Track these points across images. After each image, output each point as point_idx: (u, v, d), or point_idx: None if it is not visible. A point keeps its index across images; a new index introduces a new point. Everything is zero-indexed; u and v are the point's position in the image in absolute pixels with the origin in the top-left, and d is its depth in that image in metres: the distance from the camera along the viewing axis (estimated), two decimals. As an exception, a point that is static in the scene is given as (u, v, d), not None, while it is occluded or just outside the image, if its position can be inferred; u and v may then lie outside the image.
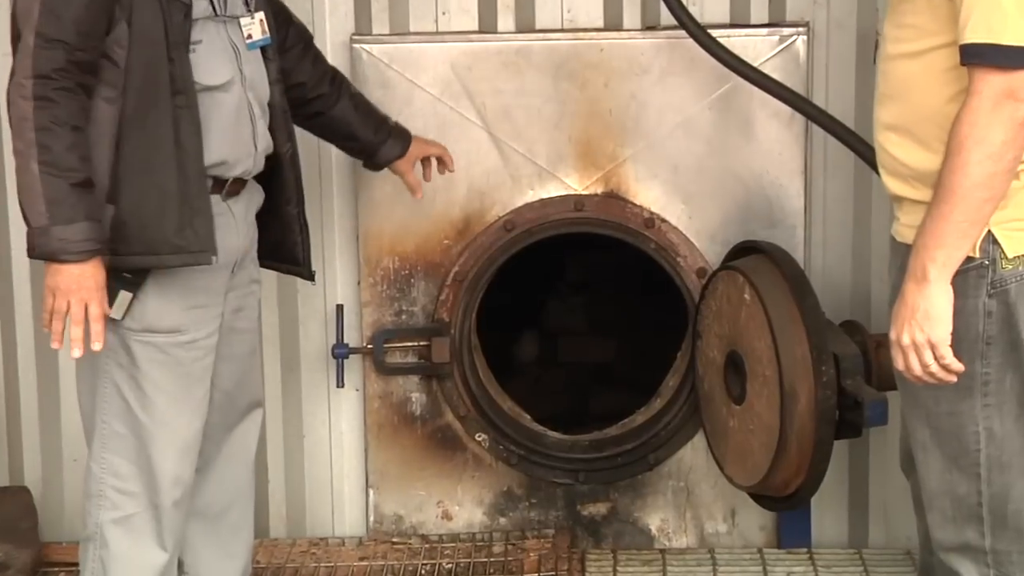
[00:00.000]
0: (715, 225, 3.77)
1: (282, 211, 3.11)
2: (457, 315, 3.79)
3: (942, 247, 2.42)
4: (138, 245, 2.74)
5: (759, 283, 3.36)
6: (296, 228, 3.14)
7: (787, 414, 3.23)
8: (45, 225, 2.61)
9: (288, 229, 3.13)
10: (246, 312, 3.10)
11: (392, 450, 3.87)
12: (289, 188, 3.10)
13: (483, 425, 3.86)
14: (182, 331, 2.87)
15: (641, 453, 3.87)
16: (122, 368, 2.86)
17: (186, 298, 2.87)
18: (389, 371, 3.81)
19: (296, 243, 3.15)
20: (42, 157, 2.60)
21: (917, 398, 2.61)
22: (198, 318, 2.90)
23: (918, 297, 2.43)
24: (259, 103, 2.96)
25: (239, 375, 3.12)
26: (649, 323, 4.81)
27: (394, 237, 3.78)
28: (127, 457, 2.90)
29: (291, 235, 3.14)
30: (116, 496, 2.91)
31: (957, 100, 2.43)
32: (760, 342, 3.32)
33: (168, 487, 2.92)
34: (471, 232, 3.78)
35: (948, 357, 2.44)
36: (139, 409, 2.87)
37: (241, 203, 2.96)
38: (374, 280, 3.80)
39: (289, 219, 3.12)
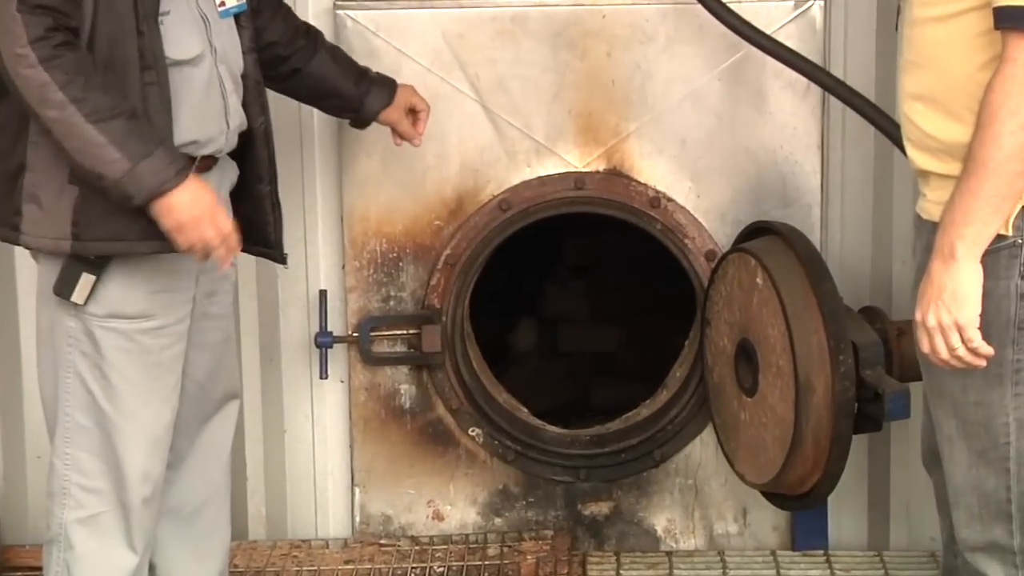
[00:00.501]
0: (725, 204, 3.76)
1: (253, 189, 3.09)
2: (449, 301, 3.78)
3: (971, 223, 2.40)
4: (104, 230, 2.73)
5: (772, 267, 3.36)
6: (268, 208, 3.12)
7: (802, 407, 3.23)
8: (129, 168, 2.60)
9: (259, 209, 3.11)
10: (220, 297, 3.08)
11: (379, 446, 3.87)
12: (261, 165, 3.08)
13: (477, 419, 3.85)
14: (149, 317, 2.85)
15: (646, 449, 3.87)
16: (86, 357, 2.85)
17: (154, 281, 2.85)
18: (376, 361, 3.80)
19: (268, 224, 3.13)
20: (84, 110, 2.57)
21: (943, 387, 2.60)
22: (167, 303, 2.88)
23: (945, 276, 2.42)
24: (231, 76, 2.94)
25: (213, 364, 3.10)
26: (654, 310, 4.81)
27: (381, 217, 3.77)
28: (92, 452, 2.89)
29: (262, 215, 3.11)
30: (81, 494, 2.90)
31: (989, 67, 2.41)
32: (773, 330, 3.32)
33: (136, 484, 2.91)
34: (464, 212, 3.77)
35: (976, 340, 2.43)
36: (104, 401, 2.86)
37: (213, 180, 2.93)
38: (360, 264, 3.79)
39: (261, 198, 3.10)
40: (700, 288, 3.76)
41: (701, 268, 3.76)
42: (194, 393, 3.07)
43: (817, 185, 3.75)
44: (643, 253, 4.16)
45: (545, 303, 5.12)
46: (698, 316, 3.79)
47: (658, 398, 3.94)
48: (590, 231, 4.85)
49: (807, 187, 3.74)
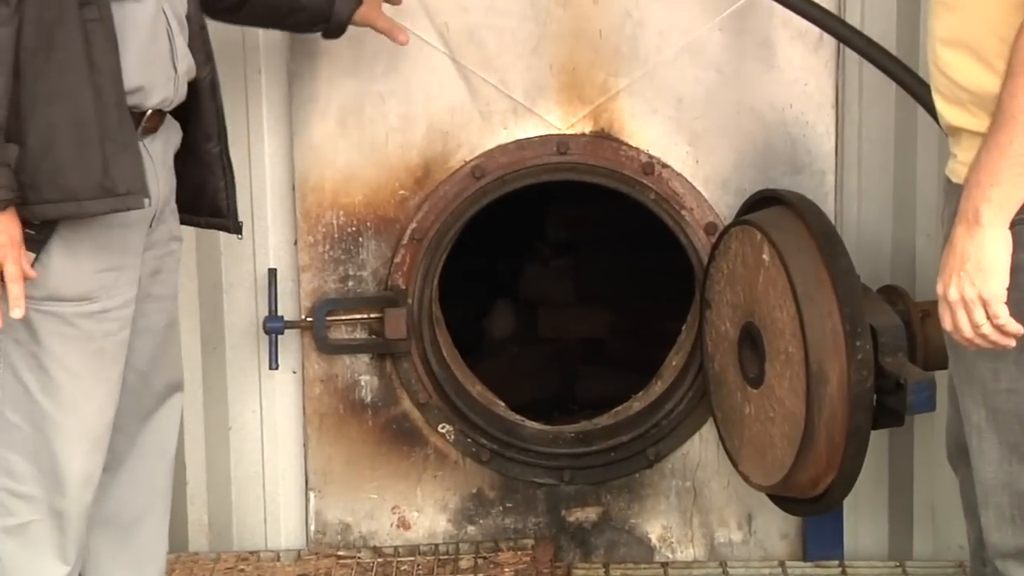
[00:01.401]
0: (727, 171, 3.77)
1: (201, 150, 3.08)
2: (416, 281, 3.77)
3: (998, 184, 2.40)
4: (51, 191, 2.70)
5: (780, 241, 3.36)
6: (219, 171, 3.12)
7: (814, 399, 3.24)
8: None
9: (209, 172, 3.10)
10: (164, 276, 3.08)
11: (337, 445, 3.87)
12: (209, 122, 3.08)
13: (447, 414, 3.86)
14: (93, 299, 2.84)
15: (638, 447, 3.88)
16: (19, 345, 2.83)
17: (98, 258, 2.83)
18: (333, 349, 3.80)
19: (219, 189, 3.12)
20: None
21: (972, 372, 2.60)
22: (112, 283, 2.87)
23: (969, 244, 2.41)
24: (176, 17, 2.93)
25: (156, 352, 3.09)
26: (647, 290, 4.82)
27: (338, 186, 3.76)
28: (24, 453, 2.87)
29: (213, 179, 3.11)
30: (10, 500, 2.88)
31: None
32: (782, 312, 3.32)
33: (76, 489, 2.90)
34: (432, 181, 3.76)
35: (1003, 316, 2.42)
36: (41, 394, 2.84)
37: (159, 142, 2.93)
38: (314, 239, 3.78)
39: (210, 159, 3.10)
40: (699, 266, 3.75)
41: (700, 243, 3.76)
42: (135, 385, 3.05)
43: (831, 148, 3.75)
44: (635, 227, 4.16)
45: (524, 284, 5.12)
46: (697, 297, 3.79)
47: (652, 390, 3.94)
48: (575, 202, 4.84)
49: (819, 151, 3.75)
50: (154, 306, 3.05)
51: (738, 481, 3.68)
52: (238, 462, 3.93)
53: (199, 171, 3.09)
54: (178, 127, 3.04)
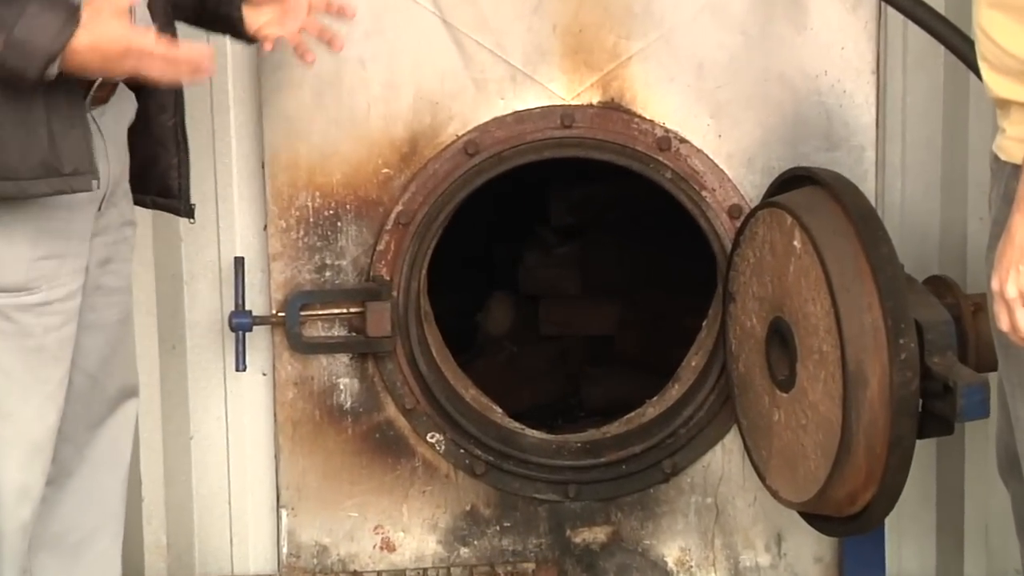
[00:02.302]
0: (754, 146, 3.76)
1: (154, 122, 3.09)
2: (401, 272, 3.77)
3: None
4: None
5: (814, 225, 3.36)
6: (172, 147, 3.13)
7: (852, 404, 3.23)
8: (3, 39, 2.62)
9: (161, 147, 3.11)
10: (116, 265, 3.08)
11: (313, 456, 3.87)
12: (163, 92, 3.08)
13: (437, 422, 3.86)
14: (31, 289, 2.84)
15: (653, 459, 3.88)
16: None
17: (38, 244, 2.83)
18: (308, 348, 3.80)
19: (170, 166, 3.14)
20: None
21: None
22: (53, 272, 2.87)
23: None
24: None
25: (107, 351, 3.09)
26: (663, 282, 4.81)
27: (314, 164, 3.75)
28: None
29: (165, 155, 3.12)
30: None
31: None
32: (815, 306, 3.32)
33: (11, 504, 2.90)
34: (420, 158, 3.76)
35: None
36: None
37: (110, 115, 2.93)
38: (286, 224, 3.78)
39: (163, 133, 3.11)
40: (722, 254, 3.76)
41: (723, 228, 3.76)
42: (83, 388, 3.05)
43: (871, 121, 3.75)
44: (649, 210, 4.16)
45: (524, 274, 5.12)
46: (719, 290, 3.79)
47: (668, 394, 3.94)
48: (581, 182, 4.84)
49: (858, 124, 3.74)
50: (104, 299, 3.05)
51: (766, 497, 3.68)
52: (201, 476, 3.92)
53: (150, 145, 3.10)
54: (132, 98, 3.04)
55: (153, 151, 3.10)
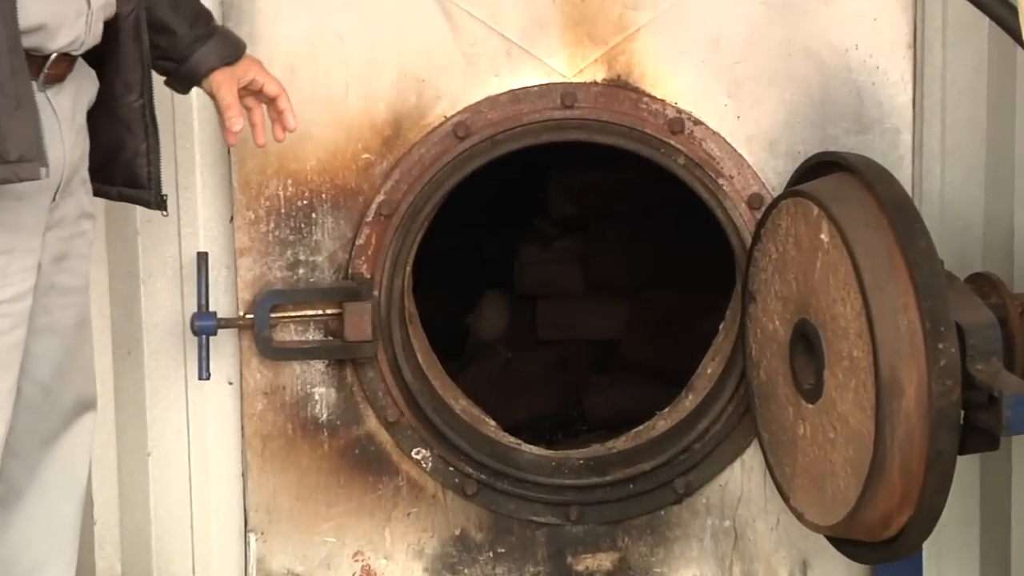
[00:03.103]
0: (776, 128, 3.77)
1: (118, 103, 3.09)
2: (383, 269, 3.77)
3: None
4: None
5: (843, 217, 3.36)
6: (139, 130, 3.12)
7: (886, 415, 3.24)
8: None
9: (127, 130, 3.11)
10: (73, 263, 3.08)
11: (285, 475, 3.87)
12: (131, 68, 3.08)
13: (423, 436, 3.86)
14: None
15: (664, 477, 3.88)
16: None
17: None
18: (279, 354, 3.79)
19: (138, 152, 3.13)
20: None
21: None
22: (0, 270, 2.86)
23: None
24: None
25: (62, 358, 3.09)
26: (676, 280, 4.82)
27: (285, 149, 3.75)
28: None
29: (132, 140, 3.12)
30: None
31: None
32: (844, 307, 3.32)
33: None
34: (404, 141, 3.76)
35: None
36: None
37: (66, 95, 2.93)
38: (255, 215, 3.78)
39: (129, 115, 3.11)
40: (741, 249, 3.76)
41: (742, 220, 3.76)
42: (35, 399, 3.05)
43: (907, 100, 3.76)
44: (659, 200, 4.16)
45: (520, 271, 5.12)
46: (738, 288, 3.79)
47: (681, 405, 3.95)
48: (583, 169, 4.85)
49: (892, 103, 3.75)
50: (59, 300, 3.05)
51: (790, 520, 3.68)
52: (160, 497, 3.92)
53: (115, 129, 3.09)
54: (94, 76, 3.04)
55: (118, 135, 3.09)
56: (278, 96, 3.37)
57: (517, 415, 4.18)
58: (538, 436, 4.06)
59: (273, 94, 3.36)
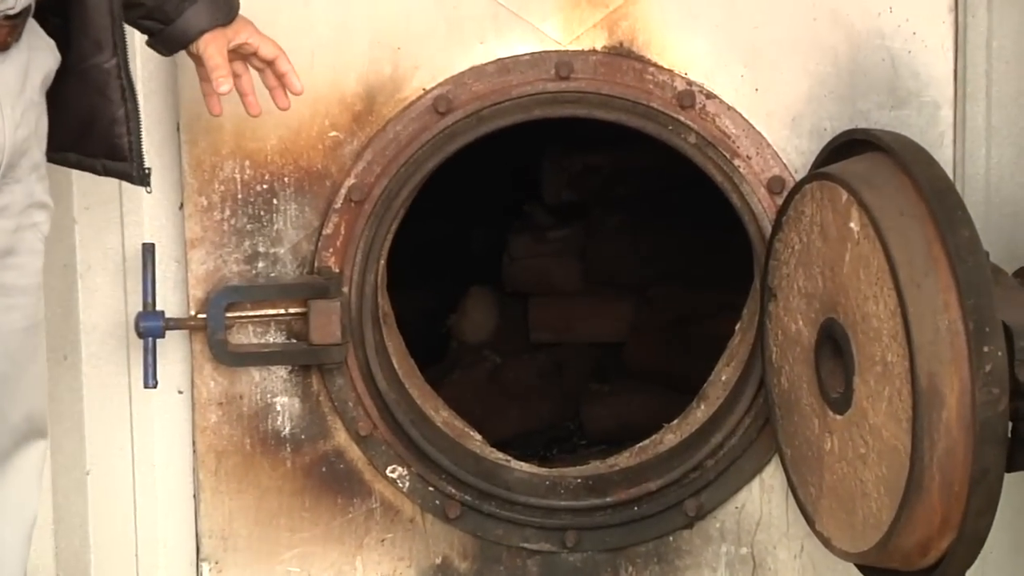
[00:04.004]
0: (799, 103, 3.77)
1: (88, 64, 3.08)
2: (354, 262, 3.77)
3: None
4: None
5: (875, 204, 3.36)
6: (116, 95, 3.12)
7: (924, 428, 3.24)
8: None
9: (100, 96, 3.11)
10: (21, 259, 3.07)
11: (243, 496, 3.87)
12: (99, 24, 3.08)
13: (400, 452, 3.86)
14: None
15: (673, 498, 3.89)
16: None
17: None
18: (236, 359, 3.79)
19: (115, 121, 3.14)
20: None
21: None
22: None
23: None
24: None
25: (8, 367, 3.08)
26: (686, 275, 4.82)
27: (243, 126, 3.75)
28: None
29: (107, 106, 3.12)
30: None
31: None
32: (877, 305, 3.33)
33: None
34: (377, 117, 3.76)
35: None
36: None
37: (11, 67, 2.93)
38: (208, 201, 3.78)
39: (101, 79, 3.10)
40: (759, 239, 3.77)
41: (761, 206, 3.77)
42: None
43: (948, 71, 3.77)
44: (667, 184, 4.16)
45: (509, 265, 5.13)
46: (756, 284, 3.80)
47: (692, 416, 3.95)
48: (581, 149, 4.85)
49: (931, 74, 3.76)
50: (4, 301, 3.04)
51: (816, 546, 3.69)
52: (100, 521, 3.93)
53: (88, 96, 3.09)
54: (53, 48, 3.04)
55: (91, 103, 3.09)
56: (276, 58, 3.39)
57: (506, 428, 4.19)
58: (530, 452, 4.06)
59: (270, 56, 3.38)
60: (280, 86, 3.41)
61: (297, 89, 3.41)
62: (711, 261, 4.27)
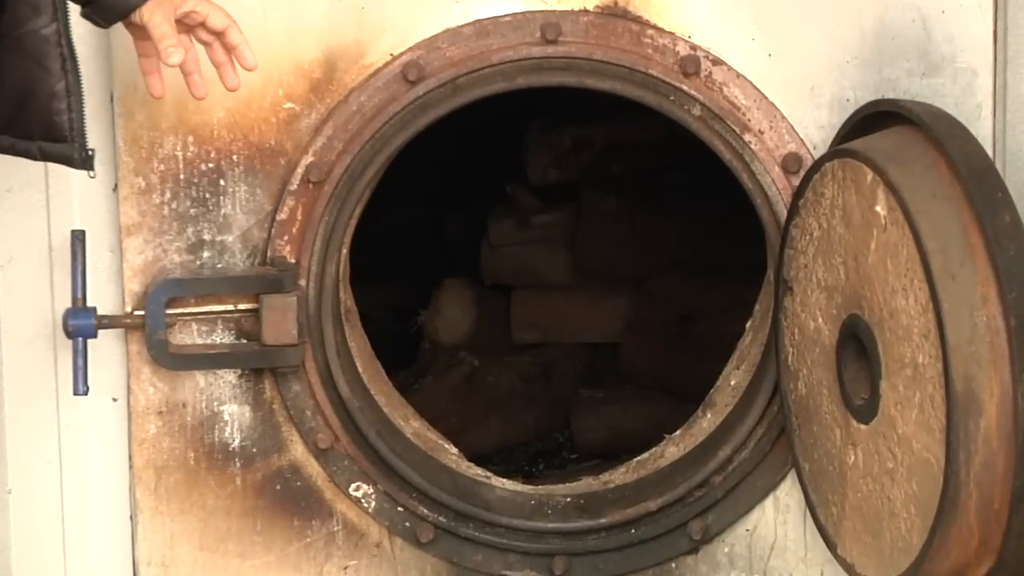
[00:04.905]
0: (819, 70, 3.78)
1: (24, 33, 3.09)
2: (312, 252, 3.77)
3: None
4: None
5: (905, 184, 3.37)
6: (56, 64, 3.12)
7: (960, 439, 3.24)
8: None
9: (39, 67, 3.12)
10: None
11: (186, 518, 3.88)
12: None
13: (365, 467, 3.86)
14: None
15: (676, 519, 3.90)
16: None
17: None
18: (179, 362, 3.80)
19: (55, 95, 3.14)
20: None
21: None
22: None
23: None
24: None
25: None
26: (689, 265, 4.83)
27: (185, 97, 3.73)
28: None
29: (45, 79, 3.13)
30: None
31: None
32: (907, 299, 3.33)
33: None
34: (339, 86, 3.77)
35: None
36: None
37: None
38: (146, 183, 3.78)
39: (40, 48, 3.11)
40: (772, 225, 3.78)
41: (775, 187, 3.78)
42: None
43: (987, 32, 3.78)
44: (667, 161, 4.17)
45: (489, 254, 5.13)
46: (769, 276, 3.81)
47: (697, 427, 3.97)
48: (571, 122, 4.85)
49: (968, 37, 3.77)
50: None
51: (838, 573, 3.70)
52: (24, 547, 3.93)
53: (23, 66, 3.10)
54: None
55: (28, 74, 3.09)
56: (227, 28, 3.35)
57: (486, 440, 4.19)
58: (513, 467, 4.07)
59: (220, 27, 3.35)
60: (229, 61, 3.39)
61: (250, 64, 3.38)
62: (718, 250, 4.27)
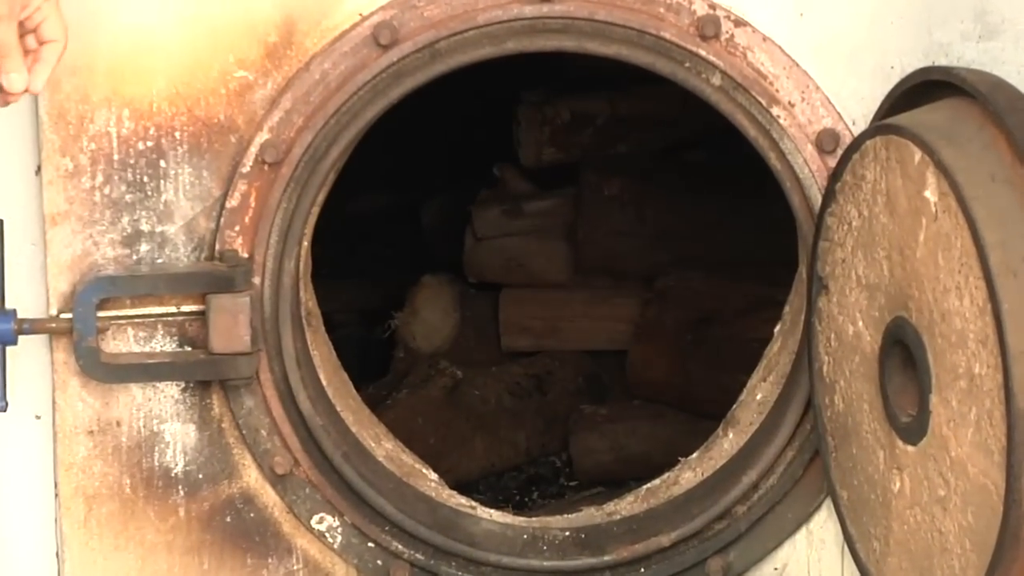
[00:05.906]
0: (859, 32, 3.79)
1: None
2: (268, 244, 3.78)
3: None
4: None
5: (959, 166, 3.37)
6: None
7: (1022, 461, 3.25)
8: None
9: None
10: None
11: (121, 554, 3.88)
12: None
13: (329, 496, 3.87)
14: None
15: (693, 556, 3.92)
16: None
17: None
18: (112, 373, 3.80)
19: None
20: None
21: None
22: None
23: None
24: None
25: None
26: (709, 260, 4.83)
27: (120, 63, 3.76)
28: None
29: None
30: None
31: None
32: (961, 300, 3.34)
33: None
34: (299, 51, 3.77)
35: None
36: None
37: None
38: (75, 164, 3.78)
39: None
40: (806, 213, 3.79)
41: (808, 169, 3.78)
42: None
43: (1053, -9, 3.79)
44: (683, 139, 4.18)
45: (474, 248, 5.14)
46: (801, 273, 3.82)
47: (717, 448, 3.98)
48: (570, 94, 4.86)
49: (1031, -4, 3.78)
50: None
51: (880, 619, 3.72)
52: (-68, 589, 3.94)
53: None
54: None
55: None
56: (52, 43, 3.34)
57: (471, 464, 4.19)
58: (503, 496, 4.07)
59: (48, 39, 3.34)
60: None
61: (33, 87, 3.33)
62: (740, 242, 4.28)
